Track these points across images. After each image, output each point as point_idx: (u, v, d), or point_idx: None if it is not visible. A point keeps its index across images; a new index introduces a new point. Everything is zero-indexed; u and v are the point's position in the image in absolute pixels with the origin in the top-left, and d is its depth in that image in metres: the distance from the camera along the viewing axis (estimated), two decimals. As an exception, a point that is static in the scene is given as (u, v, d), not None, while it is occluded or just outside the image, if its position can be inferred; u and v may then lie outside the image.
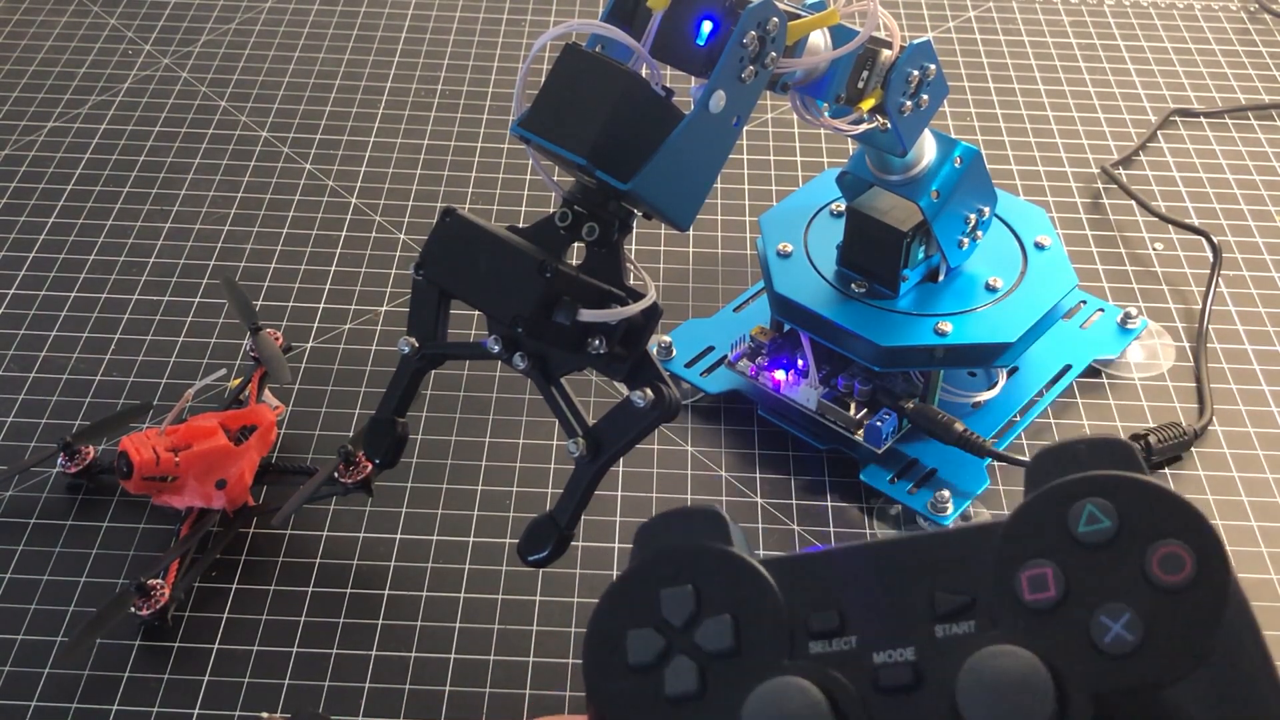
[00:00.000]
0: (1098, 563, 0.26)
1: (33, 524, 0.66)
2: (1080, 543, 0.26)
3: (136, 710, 0.58)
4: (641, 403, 0.51)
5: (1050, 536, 0.26)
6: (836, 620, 0.27)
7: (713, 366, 0.73)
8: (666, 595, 0.28)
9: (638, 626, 0.28)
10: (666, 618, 0.28)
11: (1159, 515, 0.26)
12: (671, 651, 0.27)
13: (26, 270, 0.81)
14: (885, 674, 0.26)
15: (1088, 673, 0.25)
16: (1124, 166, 0.90)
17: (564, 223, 0.53)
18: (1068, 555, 0.26)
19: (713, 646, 0.27)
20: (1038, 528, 0.27)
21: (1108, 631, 0.25)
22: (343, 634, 0.61)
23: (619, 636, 0.28)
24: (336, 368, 0.75)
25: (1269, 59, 1.02)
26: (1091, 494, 0.27)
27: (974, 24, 1.05)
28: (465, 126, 0.94)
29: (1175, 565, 0.25)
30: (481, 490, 0.68)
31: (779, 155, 0.91)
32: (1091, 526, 0.26)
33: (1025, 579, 0.26)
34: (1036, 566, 0.26)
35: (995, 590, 0.26)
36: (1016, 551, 0.27)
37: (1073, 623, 0.25)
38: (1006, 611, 0.26)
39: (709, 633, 0.27)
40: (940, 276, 0.69)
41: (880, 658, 0.27)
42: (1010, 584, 0.26)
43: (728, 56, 0.51)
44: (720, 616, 0.28)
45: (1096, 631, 0.25)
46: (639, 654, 0.27)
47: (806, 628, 0.27)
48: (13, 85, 0.98)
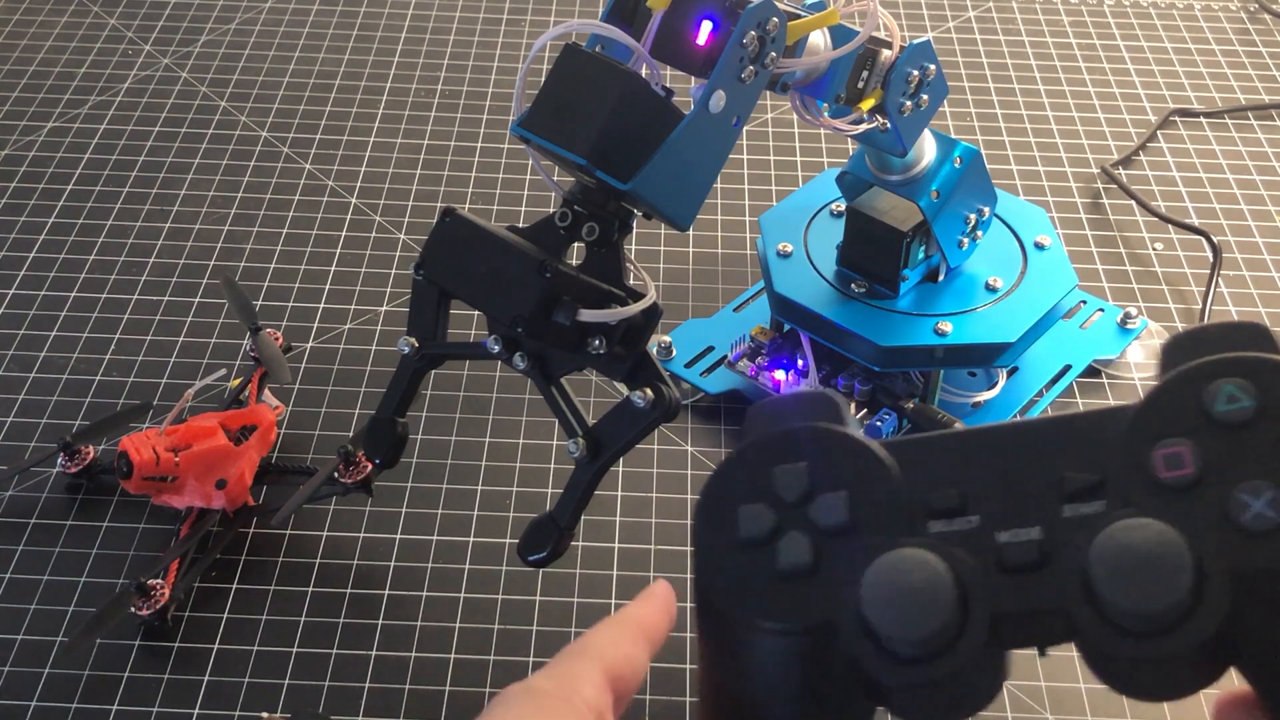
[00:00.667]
0: (1238, 442, 0.25)
1: (33, 524, 0.66)
2: (1219, 422, 0.25)
3: (136, 710, 0.58)
4: (641, 403, 0.51)
5: (1187, 416, 0.25)
6: (957, 499, 0.27)
7: (713, 366, 0.73)
8: (781, 472, 0.27)
9: (750, 502, 0.27)
10: (780, 494, 0.27)
11: None
12: (784, 527, 0.27)
13: (26, 270, 0.81)
14: (1010, 552, 0.25)
15: (1227, 550, 0.24)
16: (1124, 166, 0.90)
17: (564, 223, 0.53)
18: (1206, 434, 0.25)
19: (827, 522, 0.26)
20: (1173, 407, 0.26)
21: (1248, 509, 0.24)
22: (343, 634, 0.61)
23: (730, 511, 0.27)
24: (336, 368, 0.75)
25: (1269, 59, 1.02)
26: (1231, 374, 0.25)
27: (974, 24, 1.05)
28: (465, 126, 0.94)
29: None
30: (481, 490, 0.68)
31: (779, 155, 0.91)
32: (1231, 405, 0.25)
33: (1160, 457, 0.25)
34: (1172, 445, 0.25)
35: (1127, 469, 0.25)
36: (1150, 431, 0.25)
37: (1211, 500, 0.24)
38: (1139, 490, 0.25)
39: (823, 508, 0.27)
40: (940, 276, 0.69)
41: (1005, 536, 0.26)
42: (1144, 462, 0.25)
43: (728, 56, 0.51)
44: (835, 493, 0.27)
45: (1236, 509, 0.24)
46: (750, 528, 0.27)
47: (926, 506, 0.27)
48: (13, 85, 0.98)
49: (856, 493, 0.27)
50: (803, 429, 0.28)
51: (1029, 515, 0.26)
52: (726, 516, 0.27)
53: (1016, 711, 0.58)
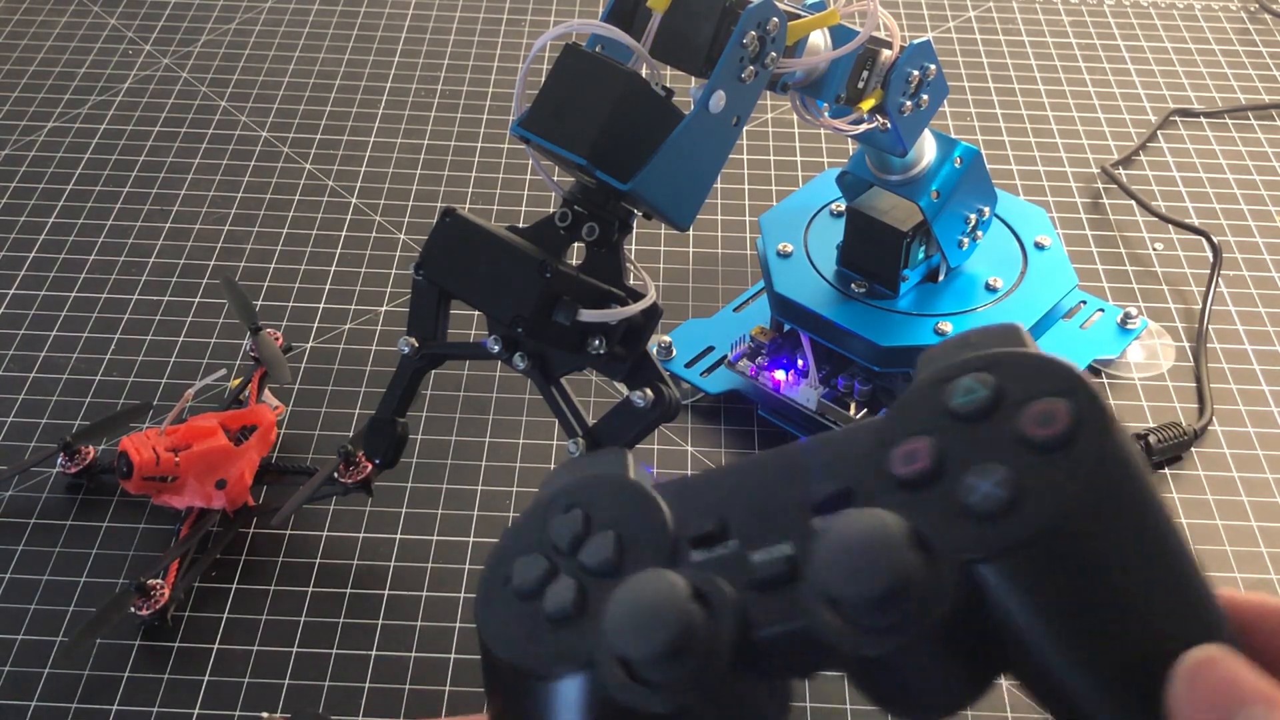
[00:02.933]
0: (975, 432, 0.25)
1: (33, 524, 0.66)
2: (957, 415, 0.25)
3: (136, 710, 0.58)
4: (641, 403, 0.51)
5: (926, 414, 0.25)
6: (717, 526, 0.26)
7: (713, 366, 0.73)
8: (557, 521, 0.27)
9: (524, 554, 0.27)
10: (554, 542, 0.27)
11: (1035, 379, 0.25)
12: (555, 573, 0.27)
13: (26, 270, 0.81)
14: (762, 569, 0.25)
15: (956, 535, 0.23)
16: (1124, 166, 0.90)
17: (564, 223, 0.53)
18: (945, 429, 0.25)
19: (594, 562, 0.26)
20: (916, 410, 0.26)
21: (975, 491, 0.24)
22: (343, 634, 0.61)
23: (509, 565, 0.27)
24: (336, 368, 0.75)
25: (1269, 59, 1.02)
26: (971, 370, 0.25)
27: (974, 24, 1.05)
28: (465, 126, 0.94)
29: (1048, 420, 0.24)
30: (481, 490, 0.68)
31: (779, 155, 0.91)
32: (967, 397, 0.25)
33: (898, 455, 0.25)
34: (910, 443, 0.25)
35: (870, 474, 0.25)
36: (892, 433, 0.25)
37: (944, 490, 0.24)
38: (877, 490, 0.25)
39: (591, 550, 0.27)
40: (940, 276, 0.69)
41: (759, 556, 0.26)
42: (882, 463, 0.25)
43: (728, 56, 0.51)
44: (604, 534, 0.27)
45: (964, 493, 0.24)
46: (522, 577, 0.27)
47: (690, 538, 0.27)
48: (13, 85, 0.98)
49: (624, 532, 0.27)
50: (579, 480, 0.28)
51: (781, 532, 0.26)
52: (505, 570, 0.27)
53: (1016, 712, 0.58)
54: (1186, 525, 0.66)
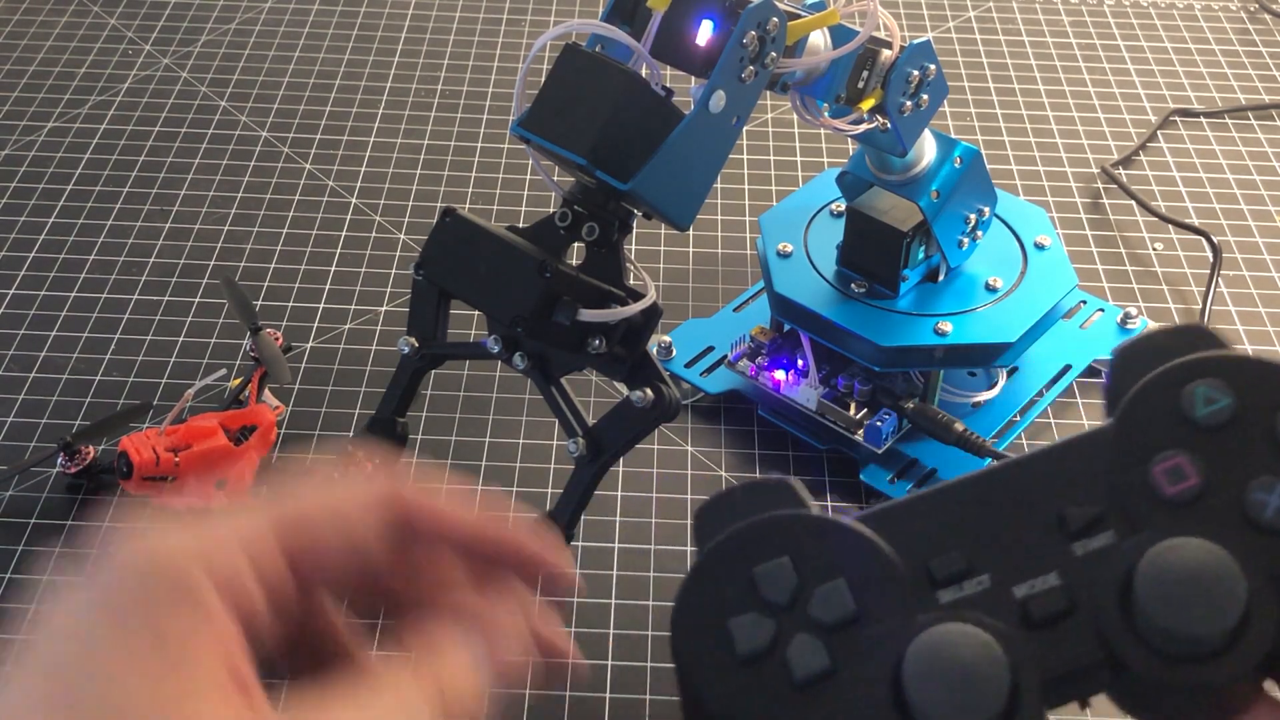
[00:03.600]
0: (1229, 442, 0.24)
1: (33, 524, 0.66)
2: (1203, 426, 0.24)
3: (136, 710, 0.58)
4: (641, 403, 0.51)
5: (1169, 426, 0.25)
6: (962, 561, 0.25)
7: (713, 366, 0.73)
8: (762, 573, 0.25)
9: (737, 613, 0.25)
10: (768, 597, 0.25)
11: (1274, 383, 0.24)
12: (786, 632, 0.24)
13: (26, 270, 0.81)
14: (1035, 606, 0.24)
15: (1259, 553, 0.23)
16: (1124, 166, 0.90)
17: (564, 223, 0.53)
18: (1194, 440, 0.24)
19: (832, 616, 0.24)
20: (1152, 420, 0.25)
21: (1266, 506, 0.23)
22: (343, 634, 0.61)
23: (717, 627, 0.25)
24: (336, 368, 0.75)
25: (1269, 59, 1.02)
26: (1198, 376, 0.25)
27: (974, 24, 1.05)
28: (465, 126, 0.94)
29: None
30: (481, 490, 0.68)
31: (779, 155, 0.91)
32: (1210, 407, 0.24)
33: (1159, 473, 0.24)
34: (1167, 459, 0.24)
35: (1127, 493, 0.24)
36: (1137, 449, 0.25)
37: (1224, 507, 0.24)
38: (1145, 512, 0.24)
39: (824, 601, 0.24)
40: (940, 276, 0.69)
41: (1022, 590, 0.24)
42: (1142, 483, 0.24)
43: (728, 56, 0.51)
44: (832, 582, 0.25)
45: (1254, 509, 0.23)
46: (749, 641, 0.24)
47: (930, 577, 0.25)
48: (13, 85, 0.98)
49: (852, 577, 0.25)
50: (771, 519, 0.26)
51: (1041, 562, 0.24)
52: (714, 634, 0.25)
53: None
54: (1186, 525, 0.66)
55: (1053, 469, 0.26)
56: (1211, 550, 0.23)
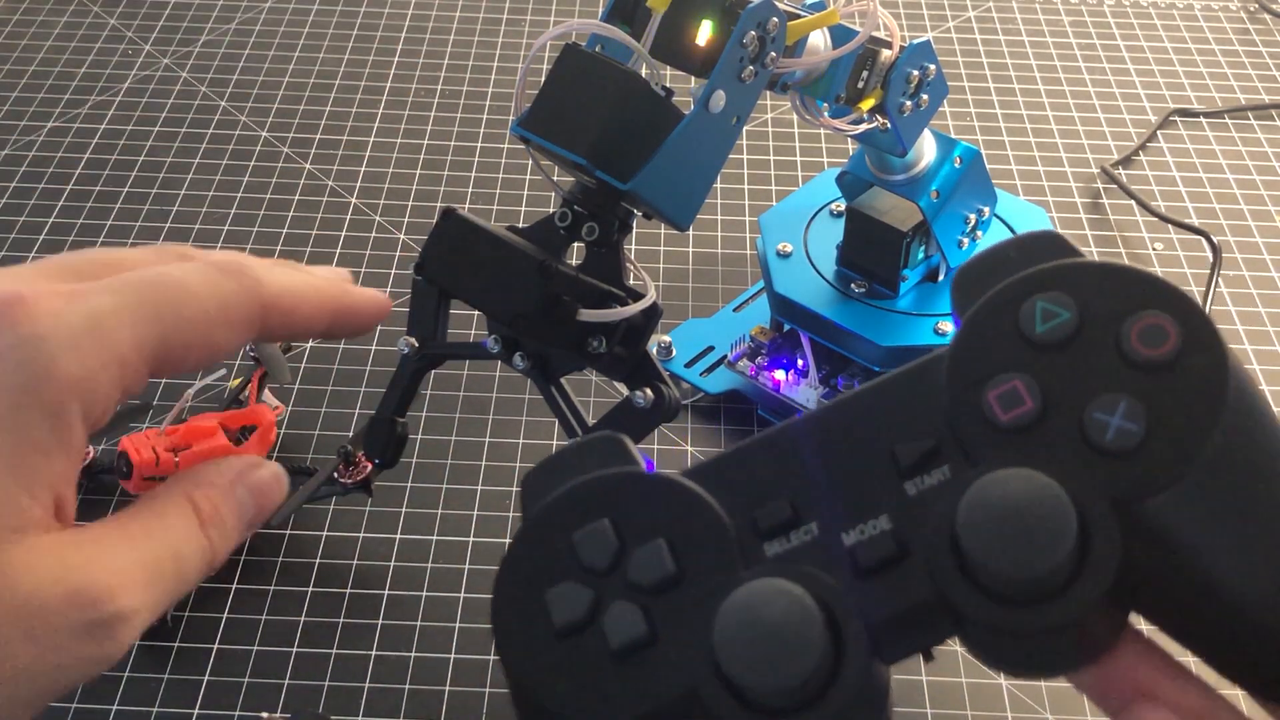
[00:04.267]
0: (1070, 360, 0.22)
1: (33, 524, 0.66)
2: (1042, 344, 0.22)
3: (136, 710, 0.58)
4: (641, 403, 0.51)
5: (1006, 348, 0.22)
6: (789, 510, 0.23)
7: (713, 366, 0.73)
8: (581, 537, 0.23)
9: (554, 583, 0.23)
10: (587, 563, 0.23)
11: (1122, 292, 0.22)
12: (604, 600, 0.23)
13: (26, 270, 0.81)
14: (863, 552, 0.22)
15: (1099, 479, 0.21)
16: (1124, 166, 0.90)
17: (564, 223, 0.53)
18: (1033, 361, 0.22)
19: (651, 578, 0.23)
20: (988, 343, 0.23)
21: (1107, 428, 0.21)
22: (343, 634, 0.61)
23: (535, 598, 0.23)
24: (336, 368, 0.75)
25: (1269, 59, 1.02)
26: (1039, 289, 0.23)
27: (974, 24, 1.05)
28: (465, 126, 0.94)
29: (1158, 336, 0.21)
30: (481, 490, 0.68)
31: (779, 155, 0.91)
32: (1050, 323, 0.22)
33: (993, 399, 0.22)
34: (1002, 383, 0.22)
35: (961, 423, 0.22)
36: (972, 374, 0.23)
37: (1063, 431, 0.22)
38: (982, 442, 0.22)
39: (642, 564, 0.23)
40: (940, 276, 0.69)
41: (851, 538, 0.22)
42: (977, 410, 0.22)
43: (727, 56, 0.51)
44: (651, 543, 0.23)
45: (1094, 431, 0.21)
46: (565, 611, 0.23)
47: (754, 529, 0.23)
48: (13, 85, 0.98)
49: (674, 536, 0.23)
50: (589, 480, 0.24)
51: (871, 506, 0.23)
52: (532, 606, 0.23)
53: (1016, 711, 0.58)
54: (1186, 525, 0.66)
55: (888, 403, 0.24)
56: (1034, 480, 0.21)
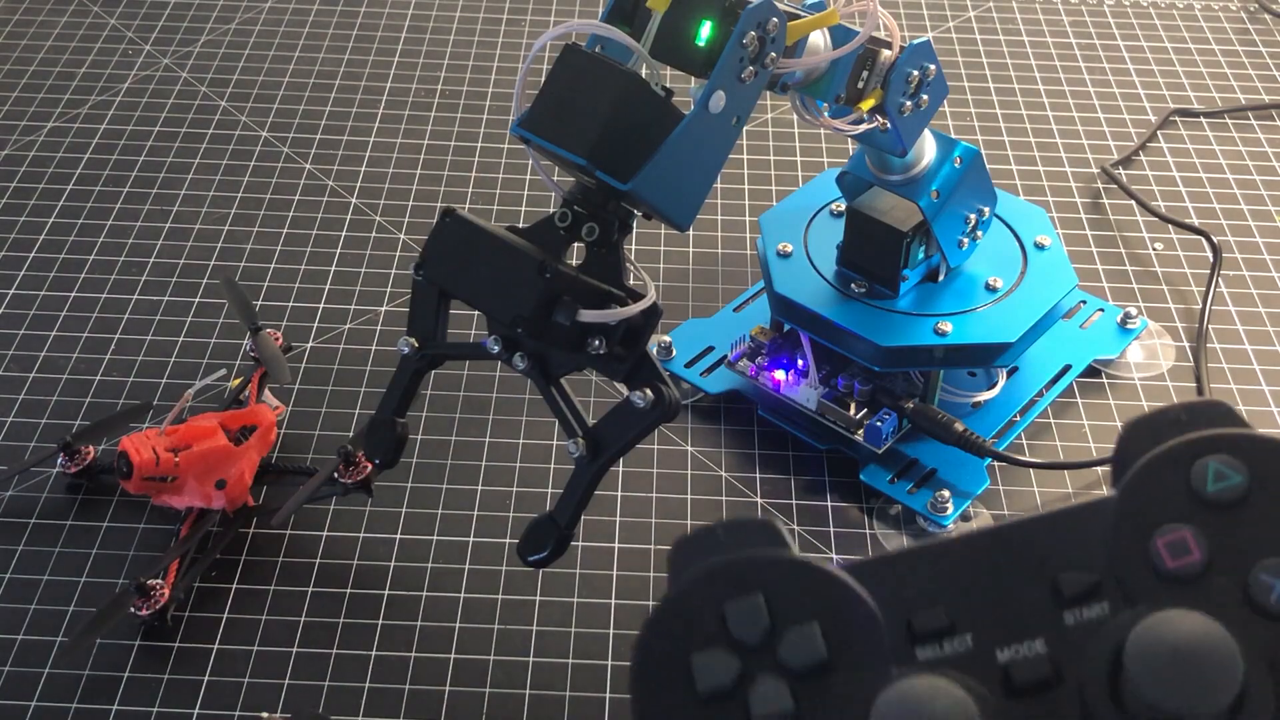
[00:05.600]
0: (1238, 520, 0.23)
1: (33, 524, 0.66)
2: (1213, 503, 0.23)
3: (136, 710, 0.58)
4: (641, 403, 0.51)
5: (1177, 500, 0.23)
6: (945, 619, 0.23)
7: (713, 366, 0.73)
8: (733, 609, 0.23)
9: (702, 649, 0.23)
10: (738, 636, 0.23)
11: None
12: (751, 673, 0.23)
13: (26, 270, 0.81)
14: (1018, 671, 0.23)
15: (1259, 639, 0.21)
16: (1124, 166, 0.90)
17: (564, 223, 0.53)
18: (1202, 516, 0.23)
19: (801, 661, 0.23)
20: (1160, 493, 0.23)
21: (1271, 590, 0.22)
22: (343, 634, 0.61)
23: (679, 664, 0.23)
24: (336, 368, 0.75)
25: (1269, 59, 1.02)
26: (1212, 451, 0.23)
27: (974, 24, 1.05)
28: (465, 126, 0.94)
29: None
30: (481, 490, 0.68)
31: (779, 155, 0.91)
32: (1221, 484, 0.23)
33: (1162, 545, 0.23)
34: (1172, 532, 0.23)
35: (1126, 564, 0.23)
36: (1142, 520, 0.23)
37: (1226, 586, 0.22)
38: (1144, 584, 0.23)
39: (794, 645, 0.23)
40: (940, 276, 0.69)
41: (1006, 655, 0.23)
42: (1143, 554, 0.23)
43: (727, 57, 0.51)
44: (805, 625, 0.23)
45: (1259, 591, 0.22)
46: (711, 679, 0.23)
47: (910, 632, 0.23)
48: (13, 85, 0.98)
49: (828, 624, 0.23)
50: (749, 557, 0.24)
51: (1028, 628, 0.23)
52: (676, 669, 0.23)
53: None
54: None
55: (1052, 534, 0.24)
56: (1208, 625, 0.21)
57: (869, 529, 0.66)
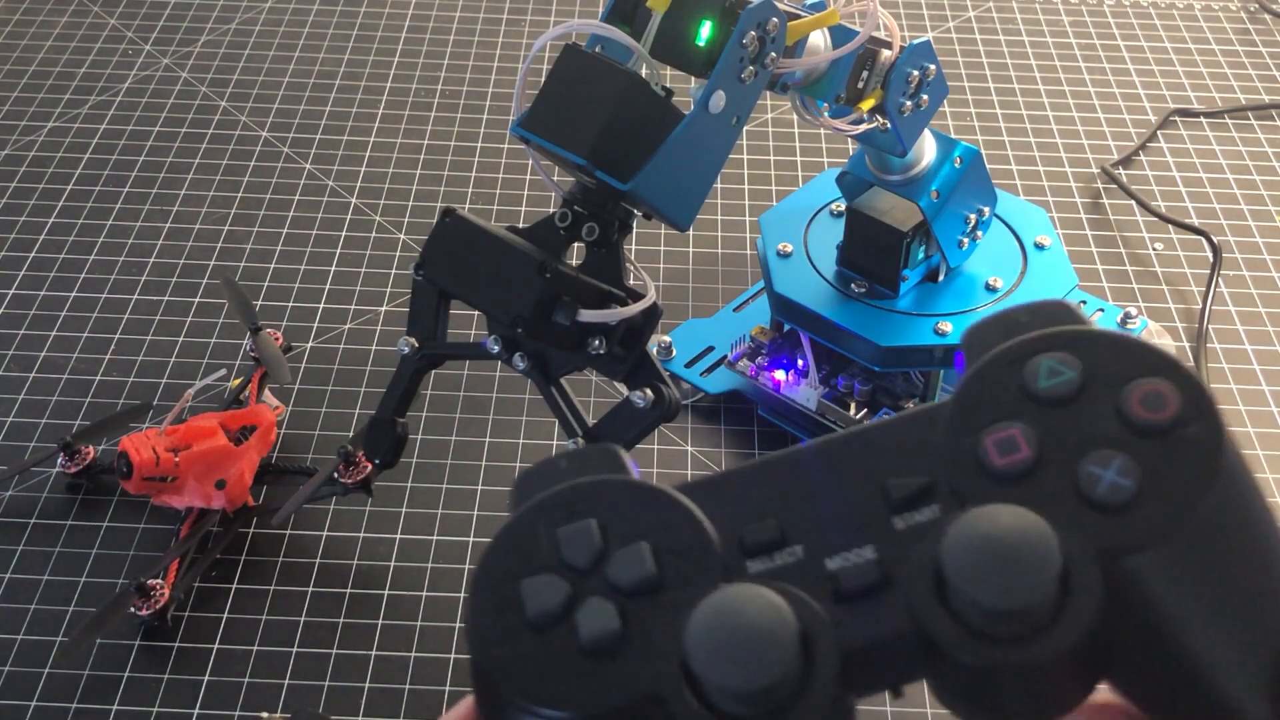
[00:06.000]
0: (1070, 415, 0.23)
1: (33, 524, 0.66)
2: (1045, 398, 0.23)
3: (136, 710, 0.58)
4: (641, 403, 0.51)
5: (1009, 399, 0.23)
6: (776, 530, 0.23)
7: (713, 366, 0.73)
8: (566, 534, 0.23)
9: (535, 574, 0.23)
10: (568, 559, 0.23)
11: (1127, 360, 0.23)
12: (580, 595, 0.23)
13: (26, 270, 0.81)
14: (845, 578, 0.22)
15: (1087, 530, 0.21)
16: (1124, 166, 0.90)
17: (564, 223, 0.53)
18: (1035, 414, 0.23)
19: (630, 579, 0.23)
20: (993, 393, 0.23)
21: (1100, 481, 0.22)
22: (343, 634, 0.61)
23: (511, 592, 0.23)
24: (336, 368, 0.75)
25: (1269, 59, 1.02)
26: (1046, 349, 0.23)
27: (974, 24, 1.05)
28: (465, 126, 0.94)
29: (1158, 402, 0.22)
30: (481, 490, 0.68)
31: (779, 155, 0.91)
32: (1054, 380, 0.23)
33: (991, 444, 0.23)
34: (1001, 430, 0.23)
35: (956, 464, 0.23)
36: (973, 420, 0.23)
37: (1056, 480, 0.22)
38: (974, 484, 0.22)
39: (623, 564, 0.23)
40: (940, 276, 0.69)
41: (835, 563, 0.23)
42: (974, 453, 0.23)
43: (728, 57, 0.51)
44: (635, 545, 0.23)
45: (1087, 483, 0.22)
46: (539, 602, 0.23)
47: (740, 546, 0.23)
48: (13, 85, 0.98)
49: (658, 542, 0.23)
50: (582, 483, 0.25)
51: (858, 535, 0.23)
52: (508, 595, 0.23)
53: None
54: (1186, 525, 0.66)
55: (886, 441, 0.24)
56: (1024, 516, 0.21)
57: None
